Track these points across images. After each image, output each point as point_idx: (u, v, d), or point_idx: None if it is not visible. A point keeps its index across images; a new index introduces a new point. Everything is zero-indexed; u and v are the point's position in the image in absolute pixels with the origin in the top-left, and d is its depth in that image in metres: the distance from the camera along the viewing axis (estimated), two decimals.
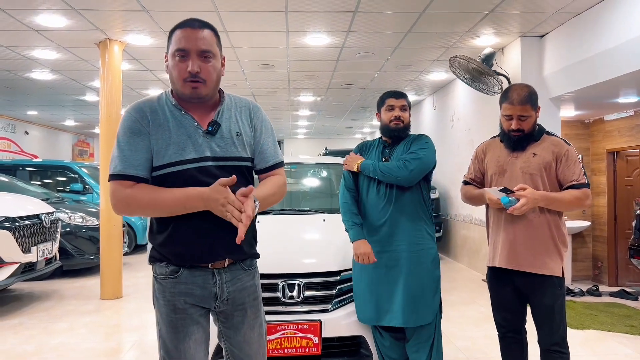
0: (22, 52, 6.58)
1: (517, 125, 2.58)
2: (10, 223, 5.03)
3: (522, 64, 5.85)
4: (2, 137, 13.14)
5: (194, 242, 1.77)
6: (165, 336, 1.80)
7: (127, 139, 1.75)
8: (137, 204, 1.72)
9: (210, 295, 1.82)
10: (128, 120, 1.77)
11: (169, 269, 1.80)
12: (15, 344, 4.22)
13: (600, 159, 7.21)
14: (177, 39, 1.76)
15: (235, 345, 1.91)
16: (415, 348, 2.77)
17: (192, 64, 1.73)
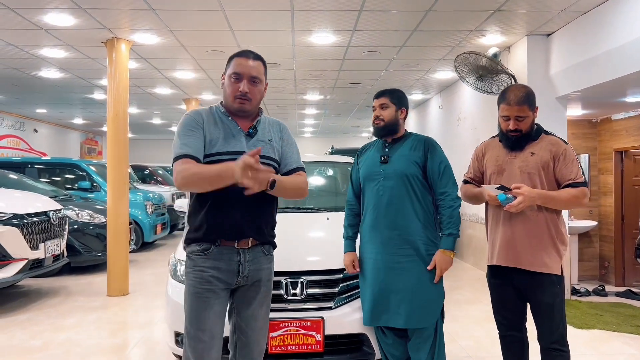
0: (30, 51, 6.64)
1: (515, 126, 2.60)
2: (18, 220, 5.08)
3: (528, 63, 5.83)
4: (12, 135, 13.28)
5: (224, 223, 2.17)
6: (190, 306, 2.15)
7: (187, 131, 2.17)
8: (188, 173, 2.07)
9: (234, 271, 2.19)
10: (188, 119, 2.22)
11: (201, 247, 2.18)
12: (23, 339, 4.27)
13: (607, 159, 7.16)
14: (235, 64, 2.23)
15: (243, 319, 2.26)
16: (416, 347, 2.78)
17: (243, 85, 2.20)
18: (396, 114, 2.87)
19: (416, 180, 2.77)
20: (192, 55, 6.81)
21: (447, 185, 2.76)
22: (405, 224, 2.75)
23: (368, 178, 2.91)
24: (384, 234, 2.77)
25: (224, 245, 2.18)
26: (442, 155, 2.83)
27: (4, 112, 12.73)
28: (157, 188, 11.55)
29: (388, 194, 2.79)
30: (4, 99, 10.77)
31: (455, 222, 2.73)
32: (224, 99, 2.28)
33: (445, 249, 2.73)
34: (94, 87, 9.25)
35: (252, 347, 2.29)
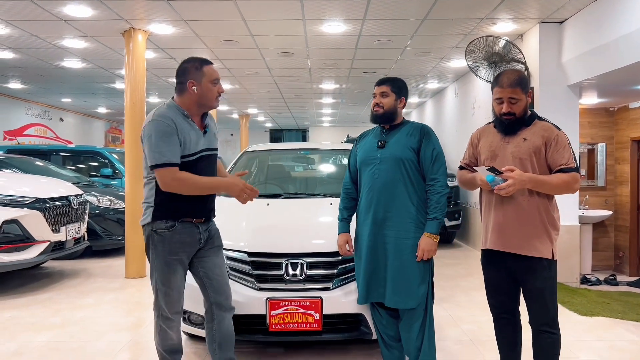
0: (52, 42, 6.87)
1: (508, 108, 2.64)
2: (41, 204, 5.32)
3: (540, 51, 5.79)
4: (39, 124, 13.69)
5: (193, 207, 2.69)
6: (160, 272, 2.66)
7: (166, 138, 2.54)
8: (186, 183, 2.58)
9: (195, 241, 2.72)
10: (163, 125, 2.56)
11: (168, 224, 2.64)
12: (44, 316, 4.51)
13: (624, 148, 7.08)
14: (211, 71, 2.68)
15: (209, 269, 2.80)
16: (406, 328, 2.87)
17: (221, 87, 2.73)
18: (395, 103, 2.95)
19: (411, 165, 2.86)
20: (207, 45, 6.95)
21: (438, 172, 2.85)
22: (397, 206, 2.83)
23: (365, 162, 3.00)
24: (377, 215, 2.87)
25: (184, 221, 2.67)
26: (436, 142, 2.91)
27: (31, 102, 13.13)
28: None
29: (383, 177, 2.87)
30: (30, 89, 11.12)
31: (442, 208, 2.82)
32: (202, 100, 2.67)
33: (429, 233, 2.81)
34: (115, 77, 9.49)
35: (224, 287, 2.83)
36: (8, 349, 3.72)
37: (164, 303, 2.67)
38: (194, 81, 2.64)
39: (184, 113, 2.65)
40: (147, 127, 2.59)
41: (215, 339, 2.83)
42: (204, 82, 2.64)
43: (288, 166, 5.51)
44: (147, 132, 2.58)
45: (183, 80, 2.66)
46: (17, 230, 5.08)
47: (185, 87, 2.65)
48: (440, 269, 6.51)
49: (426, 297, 2.85)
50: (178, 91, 2.70)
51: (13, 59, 7.97)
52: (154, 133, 2.54)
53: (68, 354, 3.63)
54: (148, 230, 2.67)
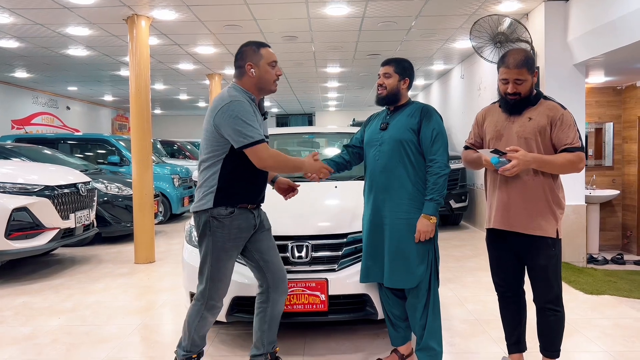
0: (56, 30, 6.88)
1: (513, 89, 2.63)
2: (50, 191, 5.38)
3: (545, 30, 5.73)
4: (46, 113, 13.78)
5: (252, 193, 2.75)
6: (216, 259, 2.65)
7: (252, 118, 2.57)
8: (279, 159, 2.69)
9: (251, 226, 2.74)
10: (247, 106, 2.59)
11: (227, 211, 2.64)
12: (56, 301, 4.60)
13: (632, 127, 7.02)
14: (269, 53, 2.69)
15: (264, 252, 2.84)
16: (411, 307, 2.90)
17: (279, 70, 2.74)
18: (398, 84, 2.92)
19: (411, 146, 2.84)
20: (211, 30, 6.93)
21: (437, 152, 2.81)
22: (397, 187, 2.84)
23: (368, 144, 3.01)
24: (378, 196, 2.89)
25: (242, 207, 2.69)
26: (437, 123, 2.87)
27: (38, 90, 13.19)
28: (185, 162, 11.88)
29: (383, 158, 2.88)
30: (37, 77, 11.18)
31: (439, 189, 2.79)
32: (260, 83, 2.68)
33: (425, 214, 2.79)
34: (120, 64, 9.51)
35: (281, 268, 2.89)
36: (22, 332, 3.81)
37: (214, 291, 2.69)
38: (252, 64, 2.64)
39: (251, 96, 2.66)
40: (227, 108, 2.54)
41: (267, 320, 2.85)
42: (262, 64, 2.65)
43: (293, 150, 5.53)
44: (229, 114, 2.53)
45: (242, 64, 2.66)
46: (27, 218, 5.15)
47: (244, 70, 2.65)
48: (447, 251, 6.54)
49: (429, 278, 2.86)
50: (238, 76, 2.70)
51: (18, 47, 8.00)
52: (239, 113, 2.53)
53: (80, 337, 3.71)
54: (205, 216, 2.64)
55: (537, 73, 2.69)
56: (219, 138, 2.60)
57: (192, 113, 19.94)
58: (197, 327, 2.73)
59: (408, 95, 3.02)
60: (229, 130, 2.54)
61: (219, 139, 2.60)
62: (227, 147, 2.61)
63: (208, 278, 2.67)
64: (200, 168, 2.71)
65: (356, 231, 3.22)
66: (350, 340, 3.55)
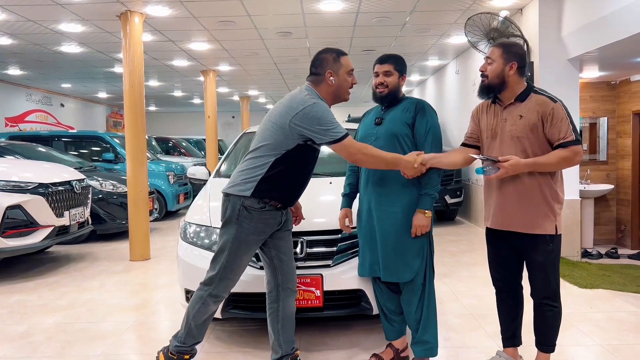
0: (49, 26, 6.84)
1: (483, 68, 2.69)
2: (44, 189, 5.36)
3: (540, 25, 5.73)
4: (40, 110, 13.70)
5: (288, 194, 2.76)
6: (235, 249, 2.66)
7: (332, 115, 2.59)
8: (370, 152, 2.66)
9: (276, 223, 2.76)
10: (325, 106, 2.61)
11: (260, 205, 2.65)
12: (51, 299, 4.58)
13: (626, 121, 7.04)
14: (347, 62, 2.73)
15: (282, 252, 2.85)
16: (406, 301, 2.91)
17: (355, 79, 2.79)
18: (398, 81, 2.91)
19: (406, 140, 2.84)
20: (205, 26, 6.90)
21: (430, 147, 2.82)
22: (391, 182, 2.84)
23: (363, 139, 2.99)
24: (374, 190, 2.89)
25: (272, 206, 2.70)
26: (431, 117, 2.87)
27: (32, 88, 13.12)
28: (180, 159, 11.85)
29: None
30: (30, 75, 11.11)
31: (433, 183, 2.80)
32: (338, 91, 2.72)
33: (421, 209, 2.79)
34: (114, 60, 9.46)
35: (292, 270, 2.90)
36: (17, 330, 3.79)
37: (223, 282, 2.69)
38: (332, 72, 2.66)
39: (327, 104, 2.69)
40: (310, 110, 2.54)
41: (279, 319, 2.85)
42: (341, 73, 2.67)
43: None
44: (313, 115, 2.53)
45: (321, 72, 2.67)
46: (21, 216, 5.12)
47: (322, 78, 2.67)
48: (443, 245, 6.56)
49: (424, 272, 2.86)
50: (315, 82, 2.70)
51: (11, 44, 7.95)
52: (322, 113, 2.55)
53: (76, 334, 3.70)
54: (238, 203, 2.63)
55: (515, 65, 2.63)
56: (288, 136, 2.59)
57: (187, 110, 19.88)
58: (196, 314, 2.72)
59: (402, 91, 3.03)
60: (315, 130, 2.55)
61: (288, 137, 2.59)
62: (292, 145, 2.62)
63: (222, 266, 2.67)
64: (251, 155, 2.69)
65: (351, 227, 3.21)
66: (345, 336, 3.56)
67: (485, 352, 3.20)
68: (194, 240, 3.45)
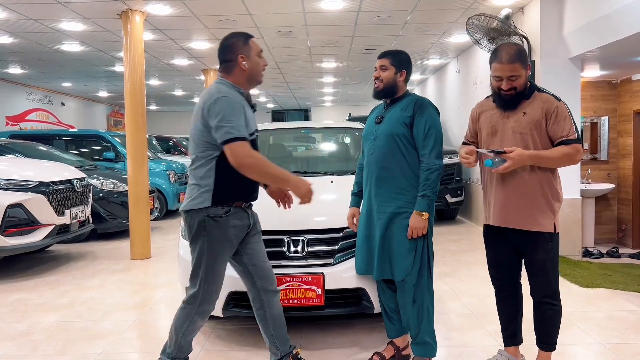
0: (50, 25, 6.83)
1: (508, 85, 2.60)
2: (44, 188, 5.36)
3: (541, 23, 5.72)
4: (40, 109, 13.69)
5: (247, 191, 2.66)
6: (212, 260, 2.57)
7: (239, 113, 2.48)
8: (259, 164, 2.49)
9: (245, 226, 2.67)
10: (236, 102, 2.50)
11: (224, 210, 2.56)
12: (52, 297, 4.58)
13: (627, 120, 7.03)
14: (256, 44, 2.64)
15: (254, 256, 2.75)
16: (401, 302, 2.89)
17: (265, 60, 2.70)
18: (395, 77, 2.88)
19: (404, 140, 2.80)
20: (206, 24, 6.90)
21: (428, 147, 2.76)
22: (390, 182, 2.81)
23: (365, 138, 3.01)
24: (372, 190, 2.88)
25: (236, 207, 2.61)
26: (429, 116, 2.80)
27: (32, 87, 13.11)
28: (181, 158, 11.84)
29: (377, 153, 2.86)
30: (31, 73, 11.10)
31: (431, 184, 2.74)
32: (252, 74, 2.63)
33: (417, 210, 2.74)
34: (115, 59, 9.45)
35: (269, 272, 2.80)
36: (18, 329, 3.79)
37: (208, 295, 2.60)
38: (243, 56, 2.58)
39: (240, 90, 2.60)
40: (215, 104, 2.46)
41: (270, 323, 2.79)
42: (252, 55, 2.60)
43: (289, 145, 5.52)
44: (216, 109, 2.44)
45: (232, 58, 2.58)
46: (22, 214, 5.12)
47: (235, 63, 2.58)
48: (443, 245, 6.56)
49: (418, 273, 2.80)
50: (226, 70, 2.61)
51: (12, 43, 7.94)
52: (225, 109, 2.44)
53: (76, 333, 3.70)
54: (200, 216, 2.53)
55: (529, 66, 2.68)
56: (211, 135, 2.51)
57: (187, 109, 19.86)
58: (185, 332, 2.65)
59: (405, 88, 2.97)
60: (213, 125, 2.45)
61: (212, 136, 2.50)
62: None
63: (202, 280, 2.57)
64: (194, 165, 2.58)
65: None
66: (346, 335, 3.56)
67: (486, 351, 3.19)
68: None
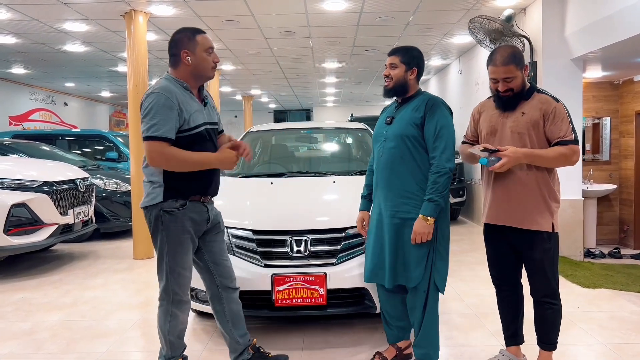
0: (54, 25, 6.86)
1: (504, 87, 2.63)
2: (48, 187, 5.38)
3: (543, 24, 5.73)
4: (43, 109, 13.73)
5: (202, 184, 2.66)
6: (173, 253, 2.59)
7: (164, 112, 2.45)
8: (173, 159, 2.49)
9: (204, 220, 2.69)
10: (161, 98, 2.47)
11: (179, 203, 2.58)
12: (55, 297, 4.61)
13: (629, 121, 7.05)
14: (204, 40, 2.60)
15: (215, 255, 2.80)
16: (410, 305, 2.87)
17: (216, 57, 2.66)
18: (405, 75, 2.77)
19: (414, 142, 2.72)
20: (209, 25, 6.92)
21: (438, 149, 2.68)
22: (399, 185, 2.75)
23: (375, 139, 2.96)
24: (382, 194, 2.83)
25: (194, 200, 2.64)
26: (442, 116, 2.71)
27: (35, 87, 13.15)
28: None
29: (386, 154, 2.79)
30: (34, 74, 11.14)
31: (439, 188, 2.65)
32: (197, 70, 2.60)
33: (423, 215, 2.66)
34: (118, 60, 9.48)
35: (230, 271, 2.86)
36: (22, 328, 3.82)
37: (177, 286, 2.62)
38: (187, 51, 2.57)
39: (184, 85, 2.60)
40: (145, 100, 2.51)
41: (228, 319, 2.84)
42: (197, 51, 2.57)
43: (291, 145, 5.54)
44: (145, 105, 2.50)
45: (176, 52, 2.58)
46: (26, 214, 5.15)
47: (179, 58, 2.58)
48: None
49: (429, 280, 2.78)
50: (172, 64, 2.62)
51: (15, 43, 7.98)
52: (152, 106, 2.46)
53: (80, 331, 3.72)
54: (156, 211, 2.57)
55: (527, 67, 2.70)
56: None
57: None
58: (170, 328, 2.66)
59: (418, 86, 2.86)
60: (141, 121, 2.52)
61: None
62: None
63: (168, 273, 2.60)
64: (144, 163, 2.63)
65: (354, 225, 3.21)
66: (348, 334, 3.57)
67: (488, 351, 3.21)
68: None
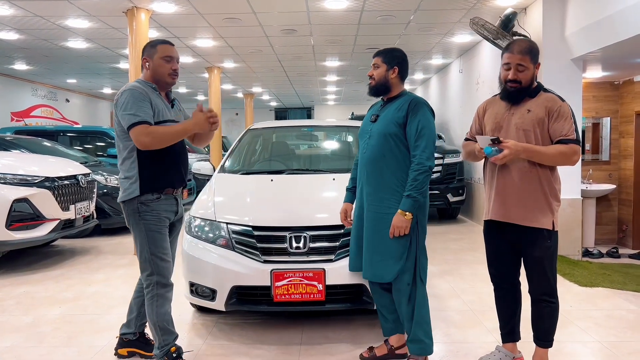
0: (56, 22, 6.89)
1: (514, 75, 2.66)
2: (50, 183, 5.42)
3: (543, 24, 5.75)
4: (45, 105, 13.77)
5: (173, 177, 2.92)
6: (152, 241, 2.82)
7: (140, 102, 2.75)
8: (157, 135, 2.72)
9: (173, 212, 2.98)
10: (138, 92, 2.77)
11: (154, 196, 2.85)
12: (57, 291, 4.64)
13: (629, 121, 7.06)
14: (164, 50, 2.86)
15: (172, 245, 3.04)
16: (397, 301, 2.92)
17: (175, 65, 2.91)
18: (386, 74, 2.88)
19: (396, 140, 2.82)
20: (210, 23, 6.95)
21: (419, 148, 2.77)
22: (380, 182, 2.84)
23: (360, 135, 3.05)
24: (364, 189, 2.92)
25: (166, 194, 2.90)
26: (423, 117, 2.81)
27: (37, 83, 13.18)
28: None
29: (369, 151, 2.90)
30: (36, 70, 11.17)
31: (418, 185, 2.74)
32: (156, 75, 2.87)
33: (401, 210, 2.75)
34: (120, 56, 9.51)
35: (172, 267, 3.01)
36: (24, 321, 3.86)
37: (161, 270, 2.85)
38: (147, 58, 2.89)
39: (152, 86, 2.88)
40: (121, 96, 2.77)
41: (141, 309, 3.05)
42: (155, 58, 2.85)
43: (292, 143, 5.57)
44: (121, 101, 2.76)
45: (142, 58, 2.92)
46: (28, 209, 5.18)
47: (142, 63, 2.92)
48: (445, 244, 6.60)
49: (413, 273, 2.84)
50: (142, 69, 2.95)
51: (18, 39, 8.01)
52: (128, 99, 2.74)
53: (82, 325, 3.76)
54: (134, 204, 2.81)
55: (539, 65, 2.74)
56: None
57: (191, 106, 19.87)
58: (158, 315, 2.83)
59: (402, 86, 2.98)
60: (120, 115, 2.75)
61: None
62: None
63: (150, 260, 2.82)
64: (119, 160, 2.88)
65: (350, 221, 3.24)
66: (347, 330, 3.61)
67: (484, 347, 3.24)
68: (198, 234, 3.51)
